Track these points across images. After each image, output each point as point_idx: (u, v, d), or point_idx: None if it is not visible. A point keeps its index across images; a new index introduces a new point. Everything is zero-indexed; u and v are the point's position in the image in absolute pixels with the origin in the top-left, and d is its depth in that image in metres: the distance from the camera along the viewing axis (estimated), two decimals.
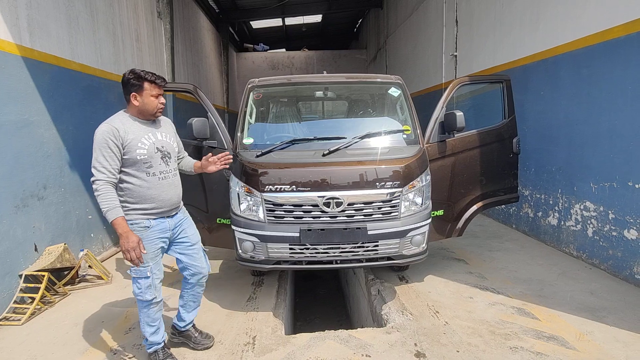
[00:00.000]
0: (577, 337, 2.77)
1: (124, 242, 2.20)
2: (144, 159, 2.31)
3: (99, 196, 2.21)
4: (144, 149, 2.31)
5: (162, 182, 2.40)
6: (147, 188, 2.33)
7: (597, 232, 4.05)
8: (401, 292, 3.60)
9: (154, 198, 2.36)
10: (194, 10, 10.46)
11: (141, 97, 2.32)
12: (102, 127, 2.25)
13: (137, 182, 2.31)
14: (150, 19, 6.91)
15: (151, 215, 2.38)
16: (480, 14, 6.35)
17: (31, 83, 3.71)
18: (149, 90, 2.32)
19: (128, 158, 2.26)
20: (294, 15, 14.41)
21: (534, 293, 3.50)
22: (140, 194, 2.32)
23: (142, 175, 2.32)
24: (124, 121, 2.31)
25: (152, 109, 2.36)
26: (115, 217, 2.20)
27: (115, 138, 2.22)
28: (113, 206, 2.21)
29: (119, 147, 2.23)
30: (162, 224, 2.44)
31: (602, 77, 3.90)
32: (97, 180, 2.21)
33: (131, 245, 2.20)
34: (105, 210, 2.20)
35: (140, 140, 2.30)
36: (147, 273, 2.38)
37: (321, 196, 2.98)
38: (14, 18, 3.51)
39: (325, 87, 3.96)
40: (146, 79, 2.31)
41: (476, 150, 3.76)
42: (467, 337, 2.82)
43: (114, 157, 2.23)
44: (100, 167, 2.21)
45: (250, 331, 3.00)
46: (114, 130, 2.23)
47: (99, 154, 2.21)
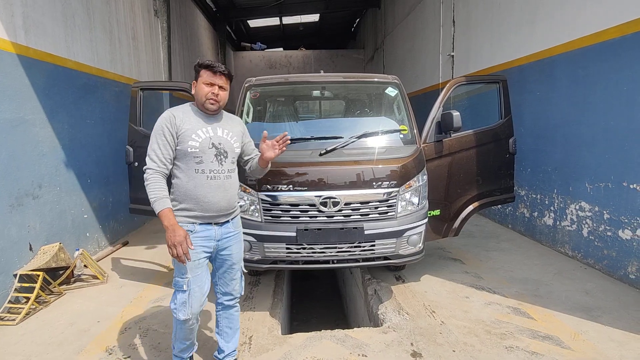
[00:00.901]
0: (572, 337, 2.79)
1: (170, 235, 1.98)
2: (195, 153, 2.10)
3: (147, 186, 2.05)
4: (196, 142, 2.10)
5: (210, 182, 2.14)
6: (192, 186, 2.12)
7: (592, 232, 4.08)
8: (398, 291, 3.61)
9: (198, 199, 2.12)
10: (191, 8, 10.43)
11: (197, 85, 2.16)
12: (163, 113, 2.13)
13: (184, 179, 2.12)
14: (146, 17, 6.88)
15: (196, 219, 2.14)
16: (477, 14, 6.36)
17: (26, 81, 3.68)
18: (203, 77, 2.14)
19: (180, 149, 2.10)
20: (291, 15, 14.38)
21: (530, 293, 3.51)
22: (185, 192, 2.12)
23: (190, 172, 2.12)
24: (185, 110, 2.17)
25: (201, 98, 2.15)
26: (162, 208, 2.01)
27: (171, 125, 2.08)
28: (161, 196, 2.02)
29: (173, 135, 2.08)
30: (207, 231, 2.18)
31: (598, 77, 3.92)
32: (148, 169, 2.07)
33: (177, 240, 1.97)
34: (153, 201, 2.02)
35: (195, 132, 2.11)
36: (183, 286, 2.12)
37: (318, 196, 2.98)
38: (9, 15, 3.48)
39: (322, 87, 3.96)
40: (202, 65, 2.14)
41: (473, 150, 3.77)
42: (463, 336, 2.83)
43: (168, 146, 2.08)
44: (153, 155, 2.07)
45: (246, 331, 3.00)
46: (172, 117, 2.10)
47: (154, 141, 2.08)
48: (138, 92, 3.67)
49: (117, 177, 5.25)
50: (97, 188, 4.91)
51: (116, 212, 5.36)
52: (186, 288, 2.11)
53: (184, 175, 2.12)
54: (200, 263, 2.17)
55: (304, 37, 18.51)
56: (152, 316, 3.24)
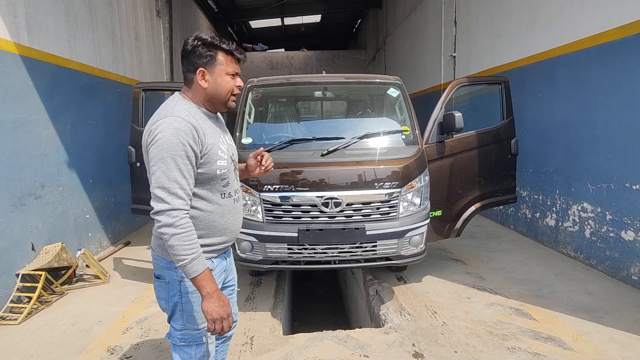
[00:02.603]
0: (574, 338, 2.78)
1: (216, 306, 1.46)
2: (223, 175, 1.60)
3: (177, 236, 1.41)
4: (224, 160, 1.59)
5: (236, 205, 1.72)
6: (220, 215, 1.62)
7: (594, 233, 4.07)
8: (399, 292, 3.60)
9: (226, 228, 1.66)
10: (192, 9, 10.45)
11: (212, 75, 1.55)
12: (171, 123, 1.44)
13: (206, 208, 1.58)
14: (149, 18, 6.90)
15: (216, 252, 1.67)
16: (478, 15, 6.36)
17: (29, 82, 3.69)
18: (225, 65, 1.56)
19: (204, 173, 1.53)
20: (293, 15, 14.41)
21: (532, 294, 3.51)
22: (209, 223, 1.60)
23: (216, 198, 1.60)
24: (193, 114, 1.52)
25: (225, 94, 1.59)
26: (203, 269, 1.45)
27: (195, 143, 1.46)
28: (199, 252, 1.46)
29: (197, 156, 1.48)
30: (222, 263, 1.74)
31: (599, 79, 3.91)
32: (175, 210, 1.42)
33: (227, 312, 1.49)
34: (190, 259, 1.42)
35: (219, 147, 1.58)
36: (202, 338, 1.64)
37: (320, 196, 2.99)
38: (12, 16, 3.49)
39: (324, 87, 3.97)
40: (222, 48, 1.55)
41: (474, 151, 3.76)
42: (465, 337, 2.82)
43: (192, 172, 1.48)
44: (177, 187, 1.43)
45: (248, 331, 3.00)
46: (192, 129, 1.46)
47: (173, 168, 1.42)
48: (140, 93, 3.68)
49: (119, 177, 5.26)
50: (99, 188, 4.92)
51: (118, 212, 5.37)
52: (205, 340, 1.66)
53: (206, 203, 1.59)
54: None
55: (305, 37, 18.52)
56: (154, 316, 3.24)
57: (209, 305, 1.45)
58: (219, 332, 1.50)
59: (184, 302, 1.60)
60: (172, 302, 1.62)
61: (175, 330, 1.64)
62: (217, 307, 1.46)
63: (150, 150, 1.44)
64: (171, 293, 1.62)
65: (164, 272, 1.63)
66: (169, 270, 1.61)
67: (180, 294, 1.60)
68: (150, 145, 1.44)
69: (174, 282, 1.60)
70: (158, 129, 1.44)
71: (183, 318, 1.61)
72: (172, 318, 1.64)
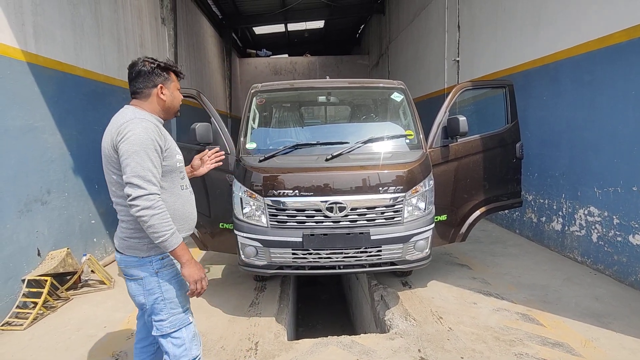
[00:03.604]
0: (582, 344, 2.74)
1: (193, 270, 1.72)
2: (181, 168, 1.89)
3: (156, 216, 1.63)
4: (180, 155, 1.89)
5: (192, 196, 1.98)
6: (181, 205, 1.86)
7: (601, 237, 4.03)
8: (404, 297, 3.58)
9: (187, 217, 1.90)
10: (197, 16, 10.55)
11: (169, 90, 1.87)
12: (139, 123, 1.69)
13: (170, 198, 1.81)
14: (154, 25, 6.97)
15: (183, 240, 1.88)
16: (481, 19, 6.37)
17: (36, 88, 3.74)
18: (176, 82, 1.91)
19: (166, 165, 1.78)
20: (296, 21, 14.50)
21: (539, 299, 3.47)
22: (175, 212, 1.82)
23: (176, 189, 1.85)
24: (153, 119, 1.82)
25: (178, 105, 1.94)
26: (180, 242, 1.70)
27: (160, 138, 1.74)
28: (174, 228, 1.69)
29: (162, 149, 1.75)
30: None
31: (604, 82, 3.90)
32: (151, 194, 1.63)
33: (203, 273, 1.75)
34: (168, 235, 1.65)
35: (175, 144, 1.90)
36: (189, 318, 1.85)
37: (324, 201, 2.98)
38: (20, 24, 3.55)
39: (328, 92, 3.98)
40: (173, 69, 1.89)
41: (479, 155, 3.75)
42: (471, 343, 2.79)
43: (160, 164, 1.73)
44: (152, 175, 1.65)
45: (252, 337, 2.99)
46: (156, 127, 1.75)
47: (145, 159, 1.65)
48: None
49: None
50: (105, 194, 4.90)
51: None
52: (191, 319, 1.87)
53: (169, 194, 1.80)
54: None
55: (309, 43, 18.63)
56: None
57: (190, 270, 1.71)
58: (199, 291, 1.75)
59: (164, 290, 1.78)
60: (151, 296, 1.77)
61: (162, 321, 1.78)
62: (195, 270, 1.72)
63: (122, 146, 1.65)
64: (148, 287, 1.77)
65: (138, 270, 1.77)
66: (142, 266, 1.76)
67: (160, 284, 1.77)
68: (121, 142, 1.66)
69: (150, 275, 1.76)
70: (127, 128, 1.67)
71: (167, 306, 1.78)
72: (155, 312, 1.79)
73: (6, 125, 3.34)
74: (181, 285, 1.83)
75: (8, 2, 3.40)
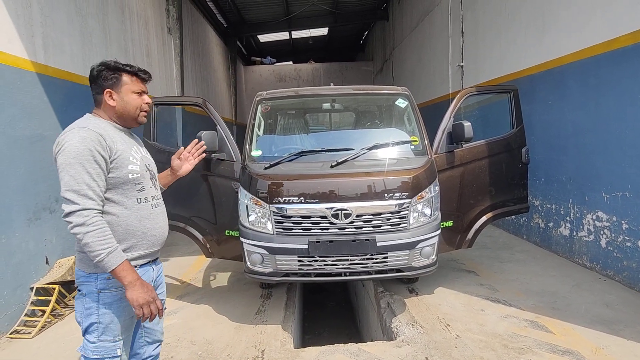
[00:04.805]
0: (593, 351, 2.70)
1: (139, 292, 1.56)
2: (136, 179, 1.70)
3: (90, 234, 1.50)
4: (136, 165, 1.71)
5: (155, 210, 1.80)
6: (137, 220, 1.69)
7: (610, 242, 3.98)
8: (411, 304, 3.55)
9: (146, 233, 1.73)
10: (202, 25, 10.68)
11: (119, 94, 1.71)
12: (77, 132, 1.57)
13: (122, 213, 1.66)
14: (160, 35, 7.07)
15: (139, 259, 1.73)
16: (485, 25, 6.38)
17: (45, 98, 3.80)
18: (130, 85, 1.73)
19: (115, 177, 1.63)
20: (300, 29, 14.63)
21: (547, 305, 3.43)
22: (126, 228, 1.67)
23: (131, 202, 1.69)
24: (104, 127, 1.67)
25: (134, 111, 1.75)
26: (121, 261, 1.55)
27: (103, 148, 1.58)
28: (114, 246, 1.55)
29: (106, 160, 1.60)
30: (146, 274, 1.77)
31: (611, 85, 3.88)
32: (85, 210, 1.51)
33: (151, 296, 1.59)
34: (106, 252, 1.52)
35: (130, 153, 1.71)
36: (116, 351, 1.65)
37: (329, 208, 2.98)
38: (30, 36, 3.62)
39: (332, 99, 4.00)
40: (125, 70, 1.72)
41: (485, 160, 3.74)
42: (479, 350, 2.76)
43: (102, 175, 1.58)
44: (88, 189, 1.52)
45: (259, 344, 2.98)
46: (99, 136, 1.58)
47: (81, 171, 1.52)
48: (152, 108, 3.75)
49: None
50: None
51: None
52: (120, 352, 1.66)
53: (121, 208, 1.66)
54: (134, 320, 1.75)
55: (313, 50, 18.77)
56: (165, 329, 3.22)
57: (133, 293, 1.55)
58: (150, 317, 1.58)
59: (101, 313, 1.63)
60: (87, 314, 1.64)
61: (88, 342, 1.64)
62: (141, 293, 1.56)
63: (58, 158, 1.55)
64: (87, 305, 1.64)
65: (83, 285, 1.66)
66: (87, 282, 1.65)
67: (98, 306, 1.63)
68: (58, 154, 1.56)
69: (92, 294, 1.64)
70: (65, 138, 1.57)
71: (99, 330, 1.63)
72: (87, 331, 1.65)
73: (16, 135, 3.40)
74: (122, 312, 1.66)
75: (18, 14, 3.48)
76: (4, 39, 3.29)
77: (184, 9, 8.32)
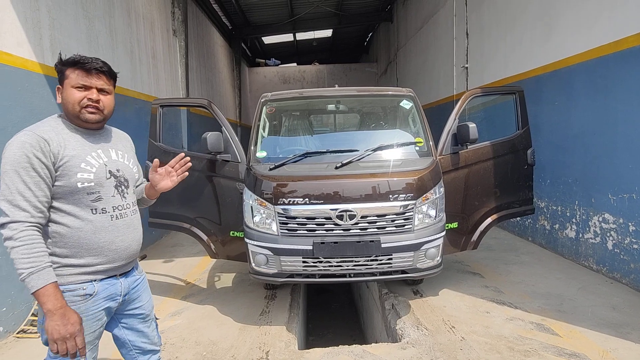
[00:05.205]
0: (600, 355, 2.68)
1: (57, 324, 1.39)
2: (89, 188, 1.54)
3: (15, 249, 1.38)
4: (89, 173, 1.54)
5: (117, 222, 1.63)
6: (91, 232, 1.55)
7: (617, 245, 3.94)
8: (416, 306, 3.54)
9: (102, 248, 1.57)
10: (207, 27, 10.73)
11: (64, 90, 1.57)
12: (19, 137, 1.46)
13: (75, 224, 1.53)
14: (165, 37, 7.12)
15: (97, 274, 1.58)
16: (490, 26, 6.36)
17: (52, 100, 3.83)
18: (70, 79, 1.55)
19: (62, 186, 1.49)
20: (304, 31, 14.65)
21: (553, 308, 3.40)
22: (78, 241, 1.53)
23: (84, 214, 1.54)
24: (58, 129, 1.54)
25: (72, 107, 1.55)
26: (44, 285, 1.39)
27: (44, 154, 1.45)
28: (40, 266, 1.39)
29: (48, 167, 1.46)
30: (111, 288, 1.63)
31: (618, 86, 3.85)
32: (14, 222, 1.39)
33: (69, 331, 1.40)
34: (27, 273, 1.37)
35: (85, 160, 1.55)
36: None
37: (334, 209, 2.98)
38: (38, 38, 3.66)
39: (337, 101, 4.00)
40: (67, 63, 1.56)
41: (490, 162, 3.72)
42: (484, 353, 2.75)
43: (42, 184, 1.44)
44: (21, 199, 1.40)
45: (263, 346, 2.98)
46: (41, 141, 1.45)
47: (16, 180, 1.40)
48: (158, 109, 3.77)
49: None
50: None
51: None
52: None
53: (73, 219, 1.52)
54: (98, 335, 1.64)
55: (317, 52, 18.78)
56: (169, 330, 3.26)
57: (50, 324, 1.39)
58: (64, 355, 1.42)
59: None
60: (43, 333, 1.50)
61: (49, 357, 1.53)
62: (58, 325, 1.39)
63: None
64: (40, 318, 1.53)
65: None
66: None
67: None
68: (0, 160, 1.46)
69: None
70: (8, 143, 1.46)
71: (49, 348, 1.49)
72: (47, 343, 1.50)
73: None
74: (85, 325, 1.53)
75: (27, 17, 3.52)
76: (12, 42, 3.33)
77: (189, 11, 8.37)
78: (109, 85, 1.64)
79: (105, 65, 1.61)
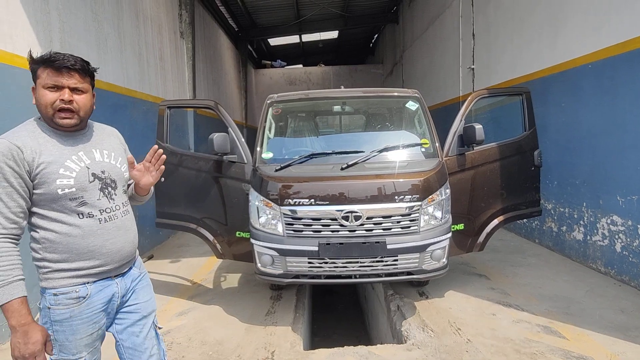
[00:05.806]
0: (608, 358, 2.65)
1: (18, 342, 1.36)
2: (71, 194, 1.48)
3: None
4: (69, 179, 1.48)
5: (106, 225, 1.57)
6: (80, 237, 1.51)
7: (626, 247, 3.90)
8: (421, 308, 3.53)
9: (92, 252, 1.54)
10: (214, 29, 10.81)
11: (37, 91, 1.49)
12: None
13: (63, 230, 1.49)
14: (173, 39, 7.18)
15: (89, 277, 1.55)
16: (497, 27, 6.34)
17: None
18: (41, 79, 1.46)
19: (42, 193, 1.45)
20: (310, 32, 14.69)
21: (561, 310, 3.38)
22: (71, 246, 1.50)
23: (71, 219, 1.50)
24: (35, 134, 1.48)
25: (44, 109, 1.48)
26: (9, 300, 1.36)
27: (17, 163, 1.39)
28: (7, 280, 1.37)
29: (22, 176, 1.40)
30: (107, 289, 1.60)
31: (626, 87, 3.82)
32: None
33: (29, 350, 1.37)
34: None
35: (63, 165, 1.48)
36: None
37: (340, 210, 2.99)
38: (48, 41, 3.71)
39: (342, 102, 4.01)
40: (37, 62, 1.47)
41: (496, 163, 3.71)
42: (491, 355, 2.74)
43: (15, 195, 1.40)
44: None
45: (269, 346, 2.99)
46: (15, 150, 1.39)
47: None
48: (165, 111, 3.81)
49: None
50: None
51: (142, 226, 5.49)
52: None
53: (60, 225, 1.49)
54: (99, 335, 1.61)
55: (323, 53, 18.82)
56: (176, 329, 3.29)
57: (12, 340, 1.36)
58: None
59: (54, 330, 1.51)
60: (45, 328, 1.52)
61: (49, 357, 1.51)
62: (19, 343, 1.36)
63: None
64: (43, 320, 1.53)
65: (41, 299, 1.56)
66: (42, 296, 1.54)
67: (51, 322, 1.51)
68: None
69: (45, 309, 1.53)
70: None
71: (56, 347, 1.51)
72: None
73: None
74: (77, 330, 1.52)
75: (37, 20, 3.57)
76: (23, 45, 3.39)
77: (196, 13, 8.44)
78: (84, 84, 1.52)
79: (78, 62, 1.49)
